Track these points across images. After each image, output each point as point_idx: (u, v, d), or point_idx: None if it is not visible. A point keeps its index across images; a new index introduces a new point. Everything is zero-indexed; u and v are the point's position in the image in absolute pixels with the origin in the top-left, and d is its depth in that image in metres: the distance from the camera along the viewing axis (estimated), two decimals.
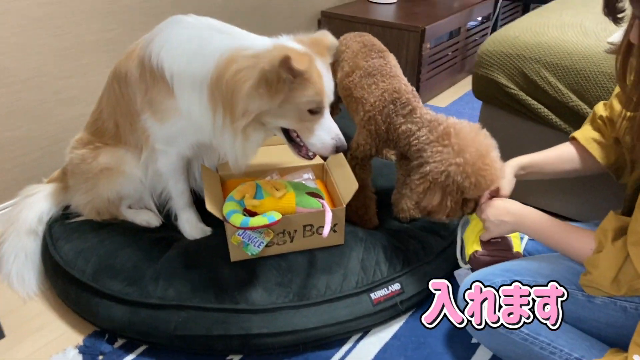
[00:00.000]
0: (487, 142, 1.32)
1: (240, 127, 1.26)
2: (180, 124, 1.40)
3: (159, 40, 1.33)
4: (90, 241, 1.54)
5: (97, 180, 1.57)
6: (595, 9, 1.98)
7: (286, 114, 1.26)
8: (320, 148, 1.31)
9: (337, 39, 1.35)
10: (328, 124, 1.30)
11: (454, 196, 1.32)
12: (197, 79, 1.28)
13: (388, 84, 1.47)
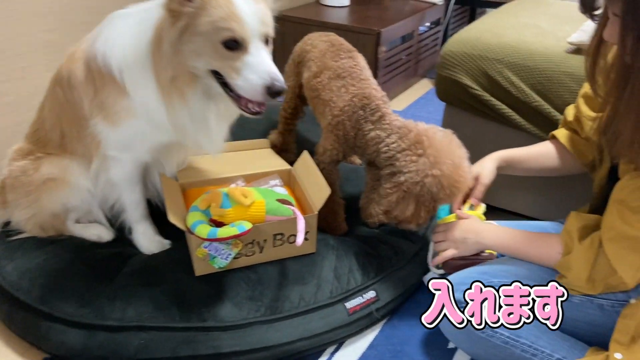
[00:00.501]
0: (460, 153, 1.33)
1: (167, 80, 1.16)
2: (136, 125, 1.29)
3: (102, 39, 1.25)
4: (36, 260, 1.40)
5: (39, 192, 1.44)
6: (548, 11, 2.03)
7: (199, 49, 1.13)
8: (248, 91, 1.14)
9: (292, 42, 1.29)
10: (256, 61, 1.12)
11: (427, 206, 1.33)
12: (144, 58, 1.19)
13: (358, 88, 1.43)
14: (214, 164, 1.67)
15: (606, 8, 0.96)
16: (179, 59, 1.15)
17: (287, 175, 1.64)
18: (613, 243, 1.06)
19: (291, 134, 1.89)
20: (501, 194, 1.89)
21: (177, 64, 1.15)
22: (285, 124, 1.85)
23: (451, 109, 1.87)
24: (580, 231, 1.11)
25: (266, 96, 1.14)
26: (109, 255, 1.43)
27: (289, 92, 1.78)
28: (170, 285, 1.33)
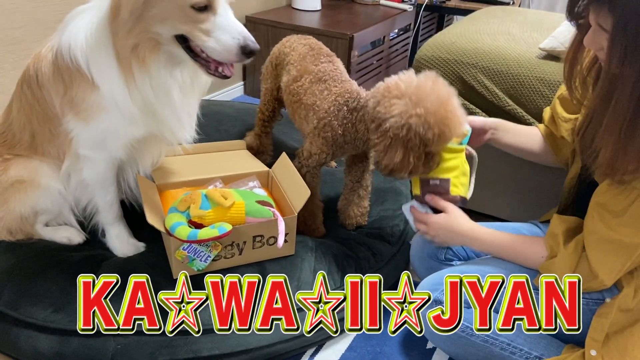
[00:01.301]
0: (447, 90, 1.22)
1: (128, 50, 1.12)
2: (107, 120, 1.26)
3: (66, 35, 1.22)
4: (4, 264, 1.35)
5: (7, 195, 1.39)
6: (518, 19, 2.08)
7: (166, 13, 1.10)
8: (221, 53, 1.12)
9: (263, 45, 1.26)
10: (226, 21, 1.11)
11: (416, 151, 1.23)
12: (105, 40, 1.16)
13: (340, 88, 1.43)
14: (191, 165, 1.64)
15: (589, 16, 0.98)
16: (142, 26, 1.12)
17: (266, 176, 1.63)
18: (595, 247, 1.08)
19: (268, 136, 1.88)
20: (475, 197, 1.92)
21: (139, 31, 1.12)
22: (262, 126, 1.84)
23: None
24: (564, 235, 1.13)
25: (241, 56, 1.13)
26: (81, 259, 1.39)
27: (266, 94, 1.77)
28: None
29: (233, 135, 2.10)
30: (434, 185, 1.29)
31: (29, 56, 1.83)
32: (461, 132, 1.26)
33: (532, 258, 1.18)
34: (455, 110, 1.21)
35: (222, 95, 2.91)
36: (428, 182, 1.29)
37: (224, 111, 2.31)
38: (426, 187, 1.30)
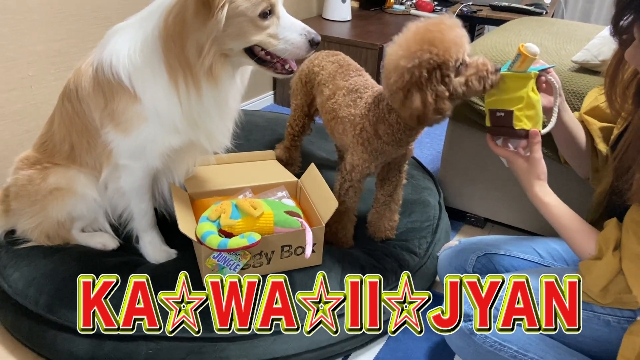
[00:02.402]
0: (439, 18, 1.21)
1: (204, 70, 1.19)
2: (147, 131, 1.31)
3: (107, 50, 1.28)
4: (42, 268, 1.40)
5: (46, 202, 1.45)
6: (551, 30, 2.06)
7: (240, 30, 1.18)
8: (293, 51, 1.22)
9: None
10: (289, 21, 1.21)
11: (432, 87, 1.19)
12: (152, 57, 1.23)
13: (371, 92, 1.45)
14: (222, 174, 1.68)
15: (633, 31, 0.98)
16: (217, 46, 1.18)
17: (294, 187, 1.65)
18: (630, 262, 1.06)
19: (297, 149, 1.91)
20: (494, 207, 1.91)
21: (214, 52, 1.18)
22: (291, 140, 1.87)
23: (455, 124, 1.90)
24: (616, 241, 1.10)
25: (309, 49, 1.22)
26: (116, 264, 1.43)
27: (296, 110, 1.80)
28: None
29: (263, 145, 2.13)
30: (499, 116, 1.22)
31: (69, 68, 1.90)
32: (464, 46, 1.20)
33: (581, 249, 1.15)
34: (443, 24, 1.19)
35: (252, 104, 2.95)
36: (495, 113, 1.22)
37: (254, 121, 2.35)
38: (494, 119, 1.23)
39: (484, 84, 1.21)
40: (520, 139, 1.20)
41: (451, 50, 1.18)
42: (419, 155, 2.51)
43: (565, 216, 1.18)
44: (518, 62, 1.17)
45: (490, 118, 1.25)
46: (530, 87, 1.18)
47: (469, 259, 1.43)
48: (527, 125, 1.19)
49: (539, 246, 1.43)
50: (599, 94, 1.36)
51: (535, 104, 1.19)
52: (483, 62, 1.22)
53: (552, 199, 1.19)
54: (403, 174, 1.58)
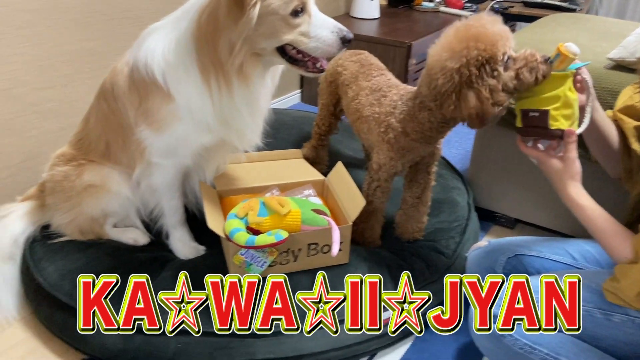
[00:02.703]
0: (479, 15, 1.19)
1: (235, 69, 1.20)
2: (180, 129, 1.33)
3: (142, 50, 1.30)
4: (76, 262, 1.44)
5: (80, 198, 1.49)
6: (585, 26, 2.01)
7: (271, 28, 1.18)
8: (324, 49, 1.21)
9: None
10: (321, 19, 1.21)
11: (484, 82, 1.16)
12: (185, 56, 1.25)
13: (396, 90, 1.45)
14: (250, 172, 1.69)
15: None
16: (248, 46, 1.19)
17: (321, 185, 1.65)
18: None
19: (324, 148, 1.91)
20: (525, 208, 1.87)
21: (245, 51, 1.19)
22: (318, 139, 1.87)
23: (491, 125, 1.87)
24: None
25: (341, 47, 1.21)
26: (147, 259, 1.46)
27: (323, 110, 1.81)
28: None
29: (290, 143, 2.14)
30: (532, 116, 1.18)
31: (102, 66, 1.95)
32: (509, 39, 1.16)
33: (616, 253, 1.12)
34: (483, 19, 1.17)
35: (279, 103, 2.97)
36: (528, 113, 1.19)
37: (281, 119, 2.36)
38: (526, 119, 1.20)
39: (535, 75, 1.17)
40: (554, 139, 1.18)
41: (498, 43, 1.16)
42: (448, 154, 2.48)
43: (601, 218, 1.14)
44: (557, 61, 1.14)
45: (522, 118, 1.21)
46: (568, 86, 1.15)
47: (499, 260, 1.41)
48: (564, 124, 1.16)
49: (571, 248, 1.40)
50: (634, 92, 1.32)
51: (572, 103, 1.16)
52: (531, 53, 1.18)
53: (587, 201, 1.16)
54: (432, 176, 1.57)
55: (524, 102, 1.21)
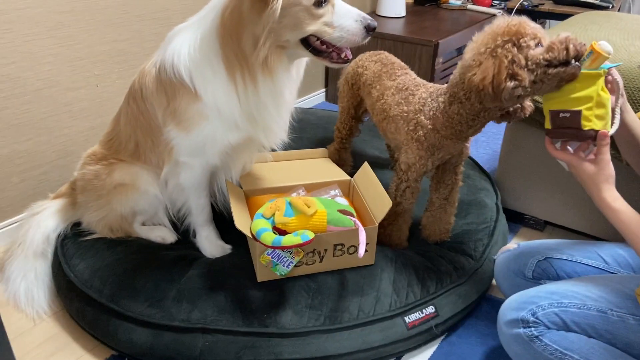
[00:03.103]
0: (508, 18, 1.20)
1: (259, 62, 1.20)
2: (208, 128, 1.35)
3: (169, 52, 1.32)
4: (106, 260, 1.46)
5: (110, 196, 1.51)
6: (619, 25, 1.96)
7: (295, 20, 1.18)
8: (349, 38, 1.21)
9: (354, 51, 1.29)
10: (344, 8, 1.21)
11: (506, 52, 1.16)
12: (210, 54, 1.26)
13: (423, 88, 1.44)
14: (276, 172, 1.70)
15: None
16: (273, 38, 1.20)
17: (347, 186, 1.65)
18: None
19: (347, 150, 1.90)
20: (555, 210, 1.84)
21: (269, 44, 1.20)
22: (340, 142, 1.87)
23: (514, 122, 1.83)
24: None
25: (365, 35, 1.21)
26: (175, 258, 1.48)
27: (343, 113, 1.80)
28: (233, 289, 1.36)
29: (315, 142, 2.14)
30: (563, 117, 1.15)
31: (132, 67, 1.98)
32: (544, 35, 1.16)
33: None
34: (527, 20, 1.18)
35: (304, 102, 2.97)
36: (558, 114, 1.16)
37: (306, 119, 2.36)
38: (556, 121, 1.17)
39: (575, 48, 1.12)
40: (586, 140, 1.15)
41: (531, 27, 1.16)
42: (475, 154, 2.45)
43: (636, 223, 1.11)
44: (589, 60, 1.12)
45: (551, 120, 1.18)
46: (600, 86, 1.12)
47: (529, 263, 1.38)
48: (597, 125, 1.12)
49: (604, 251, 1.37)
50: None
51: (605, 103, 1.13)
52: (567, 36, 1.16)
53: (621, 204, 1.13)
54: (459, 176, 1.54)
55: (552, 103, 1.18)
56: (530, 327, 1.15)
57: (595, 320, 1.14)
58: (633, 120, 1.26)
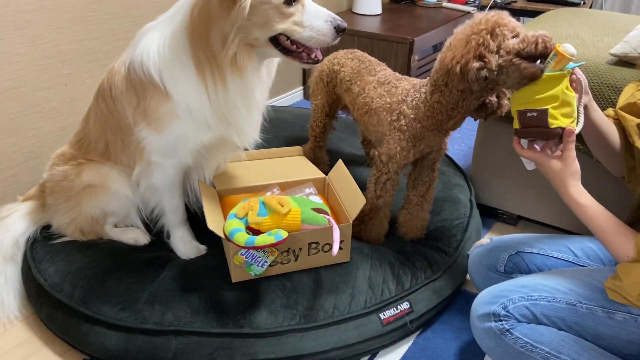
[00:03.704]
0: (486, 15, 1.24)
1: (227, 60, 1.19)
2: (179, 128, 1.33)
3: (139, 51, 1.30)
4: (77, 263, 1.44)
5: (80, 198, 1.49)
6: (588, 21, 1.99)
7: (264, 18, 1.17)
8: (318, 38, 1.21)
9: (324, 50, 1.29)
10: (314, 8, 1.21)
11: (479, 37, 1.20)
12: (180, 52, 1.25)
13: (405, 82, 1.46)
14: (250, 171, 1.69)
15: None
16: (242, 35, 1.19)
17: (322, 183, 1.65)
18: None
19: (322, 149, 1.90)
20: (528, 205, 1.86)
21: (238, 41, 1.19)
22: (315, 140, 1.86)
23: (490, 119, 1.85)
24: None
25: (335, 36, 1.21)
26: (148, 259, 1.46)
27: (316, 111, 1.80)
28: (207, 290, 1.34)
29: (292, 141, 2.14)
30: (530, 116, 1.17)
31: (103, 66, 1.95)
32: (514, 23, 1.20)
33: (618, 252, 1.11)
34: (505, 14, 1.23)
35: (281, 100, 2.96)
36: (525, 114, 1.18)
37: (283, 117, 2.36)
38: (524, 120, 1.18)
39: (544, 44, 1.15)
40: (554, 138, 1.16)
41: (509, 20, 1.20)
42: (450, 151, 2.47)
43: (602, 217, 1.13)
44: (554, 62, 1.13)
45: (519, 120, 1.20)
46: (565, 85, 1.14)
47: (501, 257, 1.40)
48: (564, 122, 1.14)
49: (574, 245, 1.39)
50: (635, 90, 1.31)
51: (571, 101, 1.15)
52: (543, 32, 1.19)
53: (587, 200, 1.15)
54: (436, 173, 1.56)
55: (519, 104, 1.20)
56: (501, 321, 1.16)
57: (565, 312, 1.16)
58: (600, 118, 1.28)
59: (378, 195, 1.50)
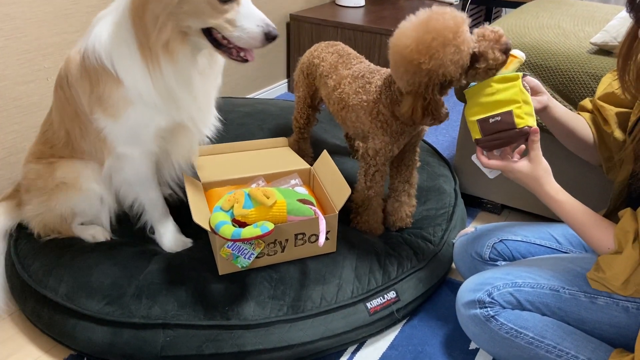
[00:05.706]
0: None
1: (160, 44, 1.19)
2: (134, 113, 1.31)
3: (92, 37, 1.29)
4: (62, 258, 1.42)
5: (51, 194, 1.46)
6: (569, 11, 2.01)
7: (196, 9, 1.17)
8: (247, 40, 1.20)
9: (308, 42, 1.28)
10: (249, 10, 1.20)
11: (430, 95, 1.23)
12: (126, 36, 1.24)
13: (379, 77, 1.45)
14: (235, 163, 1.68)
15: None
16: (174, 22, 1.19)
17: (307, 174, 1.65)
18: None
19: (306, 141, 1.90)
20: (511, 194, 1.88)
21: (171, 27, 1.19)
22: (299, 132, 1.86)
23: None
24: (635, 233, 1.07)
25: (264, 42, 1.20)
26: (133, 253, 1.45)
27: (299, 103, 1.79)
28: (194, 283, 1.34)
29: (277, 133, 2.13)
30: (494, 122, 1.17)
31: None
32: (463, 33, 1.18)
33: (599, 244, 1.12)
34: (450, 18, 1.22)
35: (266, 93, 2.95)
36: (487, 120, 1.18)
37: (267, 110, 2.35)
38: (486, 127, 1.18)
39: (505, 44, 1.18)
40: (521, 139, 1.17)
41: (462, 52, 1.18)
42: (435, 141, 2.48)
43: (580, 212, 1.15)
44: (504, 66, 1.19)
45: (480, 129, 1.19)
46: (519, 87, 1.17)
47: (485, 245, 1.42)
48: (530, 121, 1.16)
49: (556, 232, 1.41)
50: (613, 80, 1.33)
51: (529, 100, 1.18)
52: (492, 31, 1.22)
53: (563, 196, 1.17)
54: (417, 157, 1.58)
55: (476, 111, 1.20)
56: (486, 308, 1.18)
57: (548, 298, 1.18)
58: (565, 113, 1.31)
59: (368, 186, 1.51)
